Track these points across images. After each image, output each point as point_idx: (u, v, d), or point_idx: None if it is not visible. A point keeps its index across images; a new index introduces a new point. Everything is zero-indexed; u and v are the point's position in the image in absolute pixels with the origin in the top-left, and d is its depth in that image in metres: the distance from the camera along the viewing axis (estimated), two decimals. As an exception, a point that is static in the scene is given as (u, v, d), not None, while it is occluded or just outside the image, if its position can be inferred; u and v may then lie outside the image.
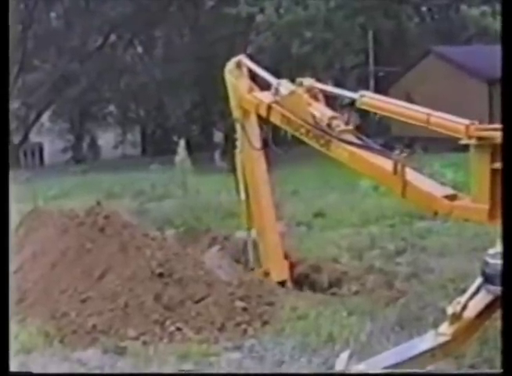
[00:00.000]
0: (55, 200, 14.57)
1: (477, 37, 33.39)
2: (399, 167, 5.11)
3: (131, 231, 6.90)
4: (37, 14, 38.30)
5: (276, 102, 6.29)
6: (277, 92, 6.27)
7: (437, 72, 28.39)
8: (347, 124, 5.80)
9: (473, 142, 4.55)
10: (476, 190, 4.61)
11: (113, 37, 41.24)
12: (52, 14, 41.46)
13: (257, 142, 6.99)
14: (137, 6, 35.60)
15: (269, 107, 6.37)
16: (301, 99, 6.06)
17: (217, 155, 29.08)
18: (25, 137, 40.30)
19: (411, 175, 5.19)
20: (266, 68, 6.77)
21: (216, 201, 12.08)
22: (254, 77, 6.96)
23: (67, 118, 42.52)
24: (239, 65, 6.97)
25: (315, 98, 6.14)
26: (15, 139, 38.98)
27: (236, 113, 7.02)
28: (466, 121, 4.76)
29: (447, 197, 4.94)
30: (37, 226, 7.83)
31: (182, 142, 14.10)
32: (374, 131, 23.74)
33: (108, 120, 43.71)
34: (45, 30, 38.79)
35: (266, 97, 6.52)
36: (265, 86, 6.70)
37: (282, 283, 6.95)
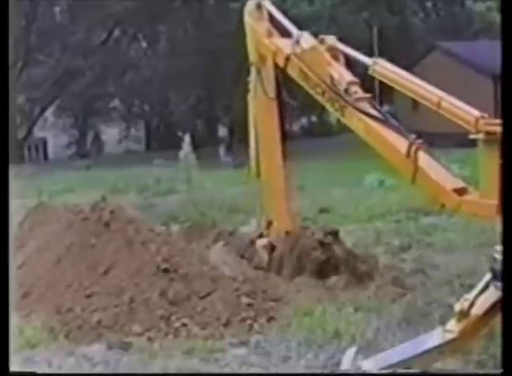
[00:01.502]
0: (60, 195, 14.57)
1: (482, 32, 33.31)
2: (413, 149, 4.93)
3: (137, 226, 6.87)
4: (42, 8, 38.30)
5: (295, 54, 6.01)
6: (297, 43, 5.98)
7: (442, 67, 28.30)
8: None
9: (481, 136, 4.48)
10: (484, 185, 4.54)
11: (117, 32, 41.25)
12: (56, 8, 41.42)
13: (272, 91, 6.76)
14: (141, 1, 35.56)
15: (287, 58, 6.11)
16: (322, 57, 5.76)
17: (221, 150, 29.04)
18: (29, 132, 40.35)
19: (424, 160, 4.97)
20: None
21: (221, 196, 12.07)
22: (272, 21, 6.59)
23: (71, 113, 42.57)
24: (259, 6, 6.66)
25: (336, 58, 5.83)
26: (19, 133, 39.07)
27: (253, 57, 6.79)
28: (477, 113, 4.65)
29: (456, 190, 4.83)
30: (41, 221, 7.81)
31: (187, 137, 14.09)
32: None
33: (112, 115, 43.75)
34: (49, 24, 38.78)
35: (285, 45, 6.21)
36: (283, 33, 6.37)
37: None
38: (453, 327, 4.15)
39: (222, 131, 38.96)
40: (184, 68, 35.63)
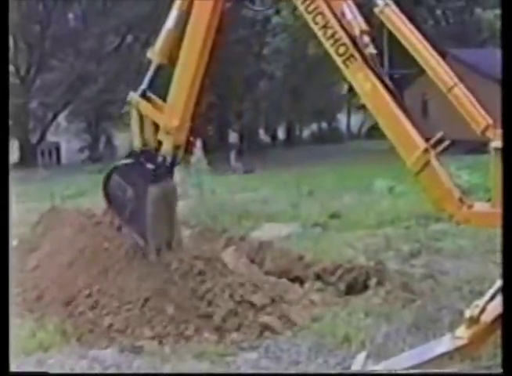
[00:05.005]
0: (73, 200, 14.65)
1: (491, 39, 33.29)
2: (427, 157, 4.57)
3: (148, 231, 6.90)
4: (56, 15, 38.55)
5: None
6: None
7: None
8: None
9: (496, 144, 4.42)
10: (497, 195, 4.47)
11: (129, 38, 41.43)
12: (70, 15, 41.69)
13: None
14: (153, 7, 35.71)
15: None
16: None
17: (232, 156, 29.08)
18: (42, 137, 40.58)
19: (436, 164, 4.69)
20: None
21: (231, 202, 12.10)
22: None
23: (84, 118, 42.74)
24: None
25: None
26: (32, 138, 39.28)
27: None
28: (490, 120, 4.57)
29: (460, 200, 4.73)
30: (54, 225, 7.88)
31: (198, 143, 14.12)
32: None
33: (124, 120, 43.85)
34: (63, 30, 38.99)
35: None
36: None
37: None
38: (463, 333, 4.15)
39: (233, 137, 39.00)
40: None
